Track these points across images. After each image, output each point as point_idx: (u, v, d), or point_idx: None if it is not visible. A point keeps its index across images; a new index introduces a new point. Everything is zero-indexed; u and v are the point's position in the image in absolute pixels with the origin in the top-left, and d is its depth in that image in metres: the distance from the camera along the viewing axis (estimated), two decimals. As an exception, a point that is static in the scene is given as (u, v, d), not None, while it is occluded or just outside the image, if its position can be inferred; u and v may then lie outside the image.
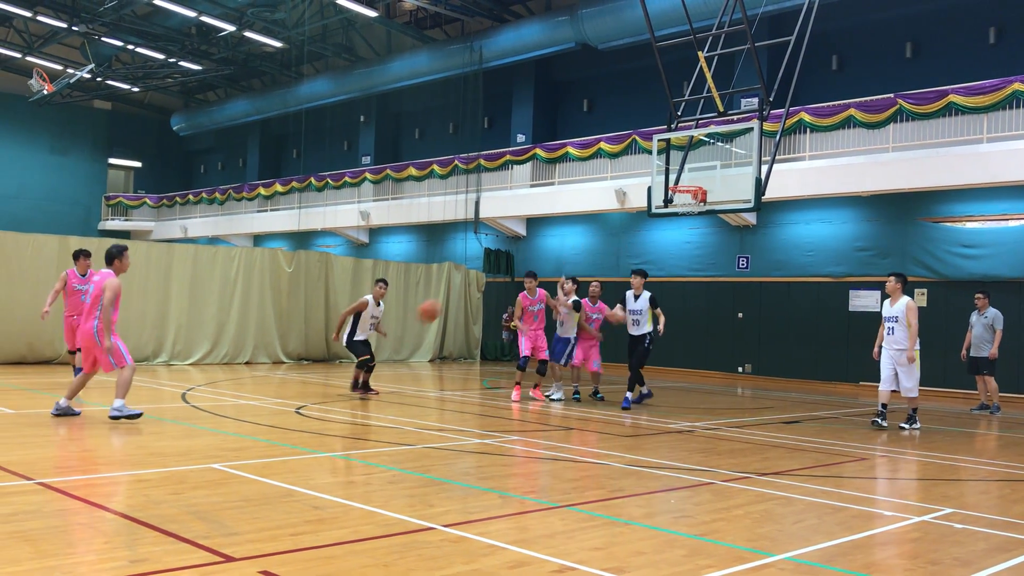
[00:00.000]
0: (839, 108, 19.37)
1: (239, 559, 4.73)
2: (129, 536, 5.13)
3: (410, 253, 30.43)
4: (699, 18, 17.58)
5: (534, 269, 26.27)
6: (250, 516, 5.71)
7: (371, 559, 4.84)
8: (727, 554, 5.24)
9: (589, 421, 11.83)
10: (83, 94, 38.50)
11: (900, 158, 18.52)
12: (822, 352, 20.38)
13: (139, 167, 43.11)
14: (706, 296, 22.56)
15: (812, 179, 19.66)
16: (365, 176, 30.72)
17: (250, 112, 37.01)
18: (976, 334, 14.84)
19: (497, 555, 5.02)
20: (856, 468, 8.82)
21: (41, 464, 7.29)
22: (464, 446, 9.20)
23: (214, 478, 6.95)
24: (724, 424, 12.00)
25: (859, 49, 21.99)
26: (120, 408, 9.83)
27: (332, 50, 31.97)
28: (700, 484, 7.45)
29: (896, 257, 19.46)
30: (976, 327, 14.87)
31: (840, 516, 6.44)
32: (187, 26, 31.32)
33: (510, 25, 26.62)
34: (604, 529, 5.77)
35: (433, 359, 24.13)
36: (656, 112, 22.02)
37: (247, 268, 20.24)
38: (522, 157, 25.92)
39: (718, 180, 13.33)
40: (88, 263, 13.16)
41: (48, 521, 5.40)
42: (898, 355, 11.96)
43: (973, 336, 14.89)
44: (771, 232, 21.69)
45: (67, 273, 13.03)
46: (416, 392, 15.39)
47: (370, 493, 6.58)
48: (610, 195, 23.02)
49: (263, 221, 35.18)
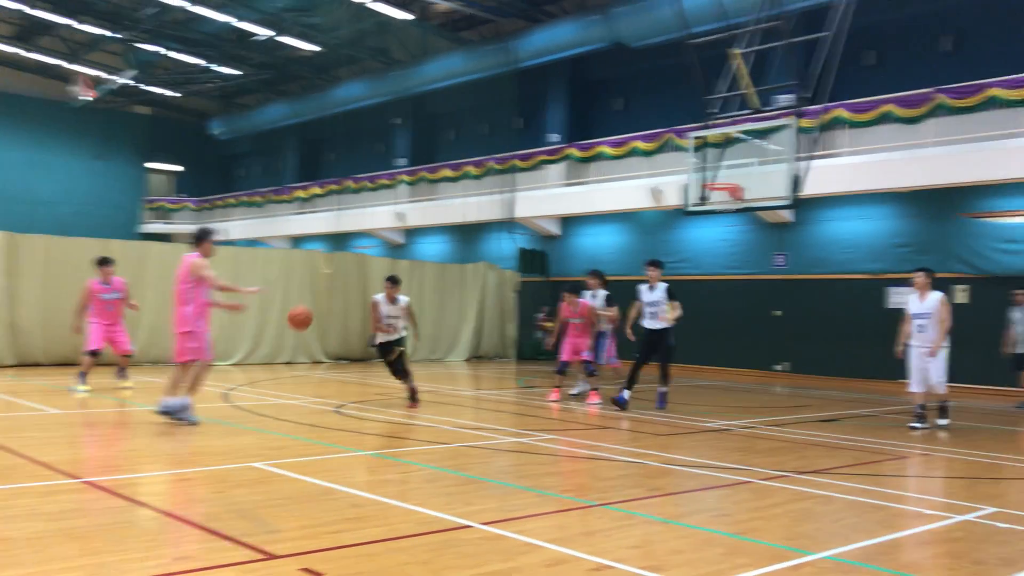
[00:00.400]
0: (877, 103, 19.13)
1: (280, 556, 4.81)
2: (173, 534, 5.23)
3: (445, 254, 30.55)
4: (734, 15, 17.46)
5: (569, 268, 26.34)
6: (291, 514, 5.79)
7: (410, 557, 4.89)
8: (765, 552, 5.23)
9: (625, 420, 11.81)
10: (124, 100, 39.09)
11: (940, 153, 18.25)
12: (860, 349, 20.14)
13: (179, 171, 43.70)
14: (742, 294, 22.39)
15: (850, 175, 19.44)
16: (400, 178, 30.90)
17: (287, 116, 37.38)
18: (1020, 331, 14.60)
19: (535, 553, 5.05)
20: (896, 466, 8.73)
21: (87, 463, 7.44)
22: (501, 444, 9.24)
23: (255, 477, 7.05)
24: (761, 423, 11.93)
25: (897, 43, 21.70)
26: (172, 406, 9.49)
27: (367, 53, 32.17)
28: (738, 483, 7.42)
29: (936, 253, 19.18)
30: (1019, 325, 14.63)
31: (880, 515, 6.39)
32: (225, 31, 31.67)
33: (544, 25, 26.62)
34: (642, 528, 5.78)
35: (468, 358, 24.21)
36: (691, 110, 21.85)
37: (286, 270, 20.47)
38: (556, 157, 25.91)
39: (754, 177, 13.26)
40: (111, 270, 13.26)
41: (94, 519, 5.51)
42: (929, 355, 11.54)
43: (1017, 333, 14.66)
44: (808, 229, 21.48)
45: (89, 283, 13.16)
46: (452, 391, 15.46)
47: (408, 491, 6.64)
48: (645, 194, 22.93)
49: (301, 223, 35.50)
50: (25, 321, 17.00)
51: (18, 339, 16.96)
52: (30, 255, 17.09)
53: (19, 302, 16.91)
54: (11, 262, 16.83)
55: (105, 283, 13.15)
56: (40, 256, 17.16)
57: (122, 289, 13.40)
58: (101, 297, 13.07)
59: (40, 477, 6.73)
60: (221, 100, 41.61)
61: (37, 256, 17.14)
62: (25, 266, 17.02)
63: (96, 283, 13.14)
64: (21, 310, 16.93)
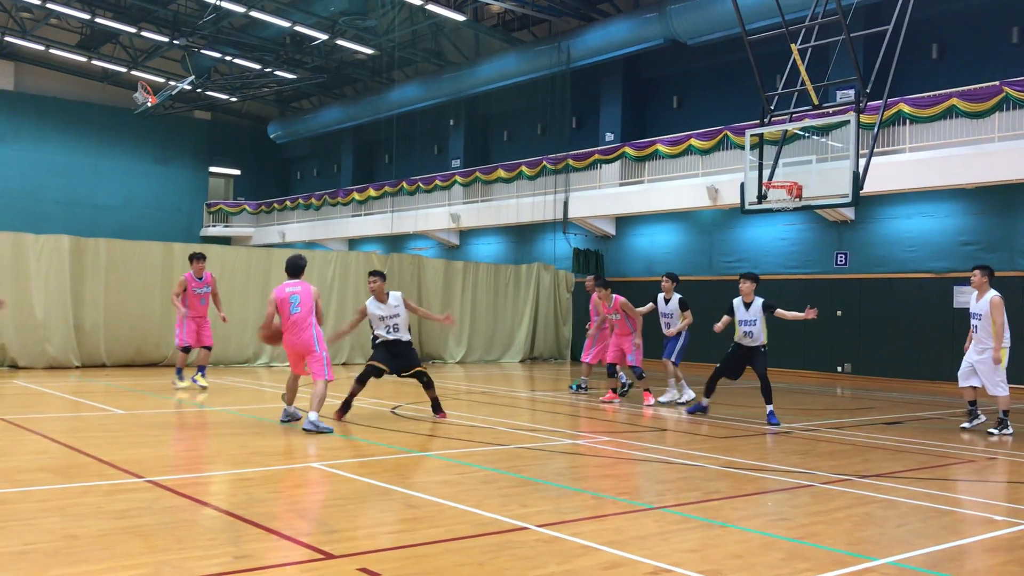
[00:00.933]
0: (940, 98, 18.69)
1: (339, 556, 4.84)
2: (233, 533, 5.30)
3: (500, 254, 30.59)
4: (791, 10, 17.09)
5: (625, 268, 26.18)
6: (348, 514, 5.83)
7: (466, 558, 4.89)
8: (826, 557, 5.12)
9: (682, 422, 11.69)
10: (184, 105, 39.91)
11: (1007, 148, 17.77)
12: (925, 350, 19.70)
13: (238, 175, 44.46)
14: (803, 294, 22.01)
15: (913, 172, 19.02)
16: (455, 179, 31.05)
17: (343, 119, 37.80)
18: None
19: (591, 556, 5.01)
20: (963, 471, 8.51)
21: (151, 463, 7.58)
22: (556, 446, 9.21)
23: (313, 477, 7.12)
24: (823, 425, 11.72)
25: (961, 35, 21.18)
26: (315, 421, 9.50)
27: (421, 55, 32.39)
28: (798, 486, 7.29)
29: (1003, 251, 18.69)
30: None
31: (946, 520, 6.23)
32: (282, 36, 32.16)
33: (598, 24, 26.53)
34: (699, 531, 5.70)
35: (524, 359, 24.21)
36: (748, 107, 21.61)
37: (343, 271, 20.68)
38: (611, 156, 25.79)
39: (814, 175, 13.04)
40: (203, 265, 13.80)
41: (158, 517, 5.61)
42: (981, 356, 11.01)
43: None
44: (870, 227, 21.08)
45: (185, 277, 13.74)
46: (508, 392, 15.46)
47: (464, 492, 6.65)
48: (701, 192, 22.71)
49: (357, 225, 35.86)
50: (89, 323, 17.42)
51: (83, 341, 17.38)
52: (94, 259, 17.51)
53: (83, 305, 17.34)
54: (75, 266, 17.26)
55: (198, 277, 13.68)
56: (103, 259, 17.57)
57: (212, 284, 13.94)
58: (194, 291, 13.62)
59: (106, 476, 6.87)
60: (278, 104, 42.25)
61: (100, 260, 17.55)
62: (89, 270, 17.45)
63: (190, 276, 13.70)
64: (85, 313, 17.36)
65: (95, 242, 17.76)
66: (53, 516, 5.55)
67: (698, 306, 22.88)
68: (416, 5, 27.00)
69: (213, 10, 28.50)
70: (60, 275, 17.04)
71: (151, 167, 41.08)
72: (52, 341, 16.92)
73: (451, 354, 22.90)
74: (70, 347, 17.15)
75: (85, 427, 9.76)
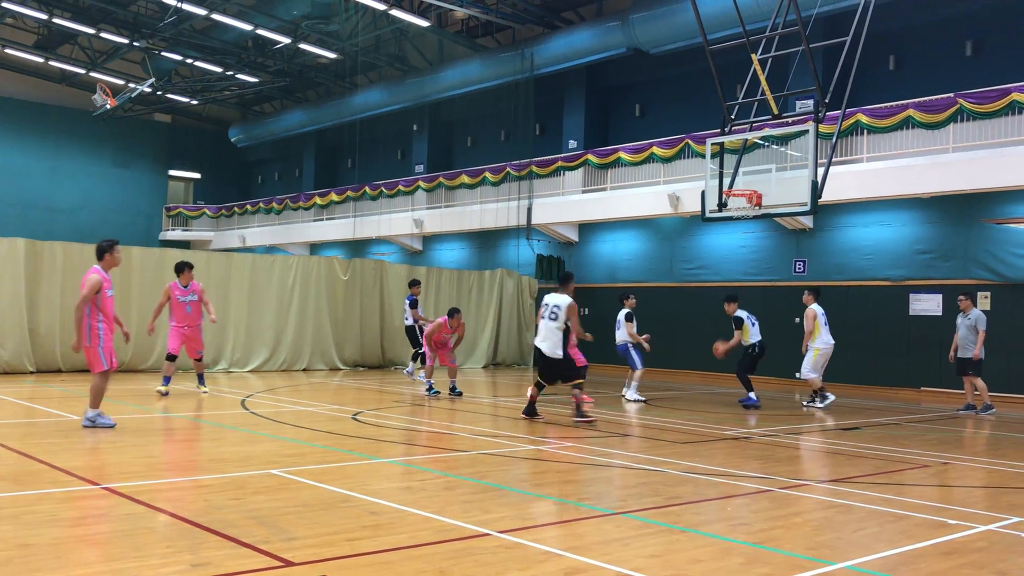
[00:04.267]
0: (897, 109, 19.01)
1: (298, 564, 4.80)
2: (191, 540, 5.23)
3: (463, 260, 30.57)
4: (752, 20, 17.41)
5: (587, 275, 26.29)
6: (309, 521, 5.79)
7: (428, 564, 4.88)
8: (785, 562, 5.18)
9: (644, 428, 11.76)
10: (144, 108, 39.43)
11: (961, 158, 18.12)
12: (881, 357, 19.98)
13: (198, 178, 43.99)
14: (762, 301, 22.23)
15: (870, 181, 19.32)
16: (418, 184, 30.98)
17: (306, 123, 37.56)
18: (961, 335, 14.88)
19: (552, 562, 5.02)
20: (918, 475, 8.64)
21: (107, 469, 7.47)
22: (518, 452, 9.22)
23: (273, 483, 7.06)
24: (782, 431, 11.85)
25: (917, 48, 21.57)
26: (92, 417, 9.71)
27: (385, 60, 32.30)
28: (758, 491, 7.36)
29: (958, 260, 19.04)
30: (960, 329, 14.88)
31: (902, 524, 6.32)
32: (244, 39, 31.90)
33: (561, 32, 26.64)
34: (660, 536, 5.74)
35: (486, 365, 24.20)
36: (709, 116, 21.83)
37: (304, 276, 20.54)
38: (574, 163, 25.90)
39: (773, 183, 13.18)
40: (191, 275, 13.68)
41: (114, 525, 5.53)
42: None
43: (959, 338, 14.88)
44: (828, 235, 21.36)
45: (170, 286, 13.64)
46: (470, 398, 15.44)
47: (426, 499, 6.63)
48: (663, 200, 22.88)
49: (319, 230, 35.64)
50: (44, 328, 17.14)
51: (37, 346, 17.09)
52: (50, 262, 17.24)
53: (38, 309, 17.06)
54: (31, 269, 16.98)
55: (184, 286, 13.54)
56: (59, 263, 17.31)
57: (200, 293, 13.77)
58: (178, 299, 13.50)
59: (60, 483, 6.76)
60: (240, 107, 41.89)
61: (56, 263, 17.28)
62: (44, 273, 17.17)
63: (175, 285, 13.55)
64: (40, 317, 17.07)
65: (51, 245, 17.47)
66: (6, 524, 5.44)
67: (659, 312, 23.16)
68: (380, 10, 26.93)
69: (174, 12, 28.20)
70: (15, 279, 16.74)
71: (110, 170, 40.51)
72: (6, 346, 16.62)
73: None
74: (24, 352, 16.85)
75: (39, 433, 9.59)
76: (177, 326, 13.59)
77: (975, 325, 14.70)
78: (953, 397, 18.10)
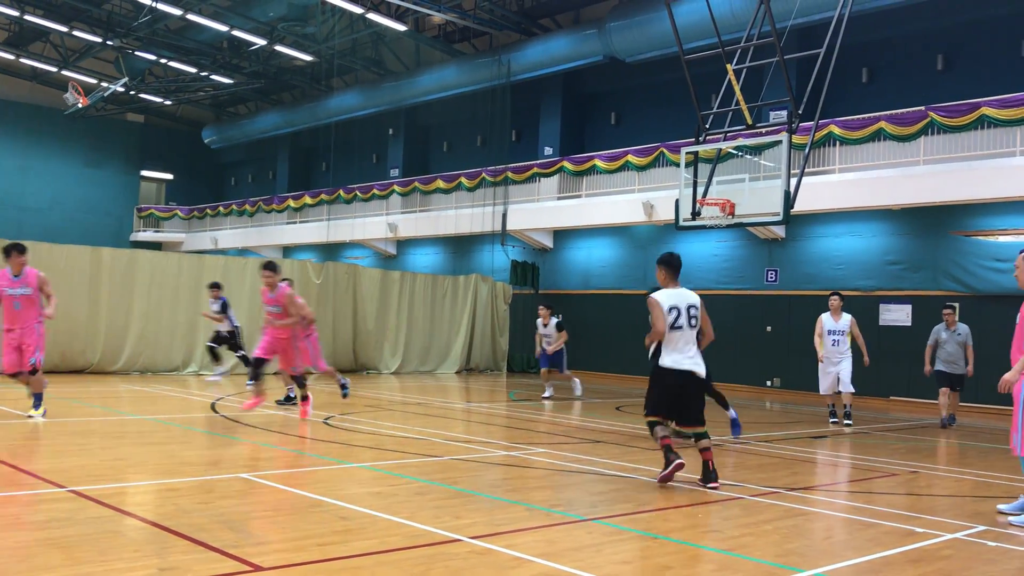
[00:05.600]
0: (869, 121, 19.22)
1: (268, 568, 4.76)
2: (159, 544, 5.17)
3: (437, 265, 30.52)
4: (728, 31, 17.53)
5: (561, 281, 26.32)
6: (279, 526, 5.74)
7: (398, 570, 4.85)
8: (755, 569, 5.20)
9: (616, 434, 11.78)
10: (117, 107, 39.03)
11: (931, 171, 18.35)
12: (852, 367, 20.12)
13: (171, 179, 43.60)
14: (734, 309, 22.41)
15: (842, 192, 19.51)
16: (393, 188, 30.90)
17: (280, 125, 37.37)
18: (950, 351, 14.36)
19: (524, 568, 5.01)
20: (887, 484, 8.72)
21: (73, 472, 7.37)
22: (491, 458, 9.20)
23: (243, 488, 7.00)
24: (752, 438, 11.91)
25: (890, 61, 21.84)
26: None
27: (362, 64, 32.21)
28: (729, 499, 7.40)
29: (927, 271, 19.26)
30: (948, 344, 14.38)
31: (871, 532, 6.37)
32: (219, 40, 31.69)
33: (538, 39, 26.71)
34: (632, 543, 5.75)
35: (460, 371, 24.16)
36: (684, 125, 21.94)
37: (276, 279, 20.36)
38: (550, 170, 25.95)
39: (746, 193, 13.28)
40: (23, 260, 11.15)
41: (80, 529, 5.46)
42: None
43: (946, 353, 14.38)
44: (800, 245, 21.54)
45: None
46: (443, 404, 15.41)
47: (397, 504, 6.60)
48: (638, 208, 22.97)
49: (292, 233, 35.46)
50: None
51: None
52: (19, 262, 16.95)
53: (7, 309, 16.78)
54: None
55: (14, 276, 10.99)
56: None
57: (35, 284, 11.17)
58: (6, 293, 10.84)
59: (26, 486, 6.66)
60: (214, 108, 41.59)
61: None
62: (14, 273, 16.89)
63: (3, 274, 11.00)
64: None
65: (20, 245, 17.20)
66: (-31, 527, 5.35)
67: (632, 319, 23.19)
68: (357, 14, 26.86)
69: (148, 12, 27.96)
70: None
71: (81, 169, 40.07)
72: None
73: (386, 364, 22.73)
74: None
75: (5, 435, 9.45)
76: (5, 329, 10.59)
77: (965, 341, 14.41)
78: (921, 407, 18.31)
